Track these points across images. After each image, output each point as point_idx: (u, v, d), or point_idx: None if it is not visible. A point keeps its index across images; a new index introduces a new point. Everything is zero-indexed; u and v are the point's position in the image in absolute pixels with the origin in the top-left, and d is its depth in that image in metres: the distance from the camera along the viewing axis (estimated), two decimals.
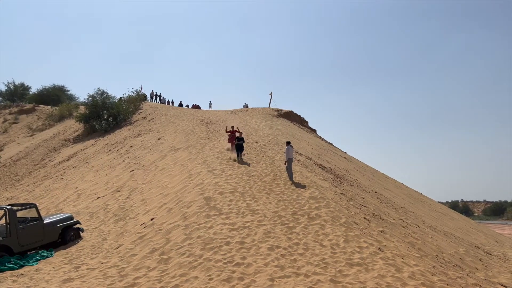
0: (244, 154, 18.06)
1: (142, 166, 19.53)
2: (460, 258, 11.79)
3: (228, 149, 19.07)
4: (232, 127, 19.69)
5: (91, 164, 24.14)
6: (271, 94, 40.36)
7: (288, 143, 16.12)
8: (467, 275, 9.54)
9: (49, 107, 47.88)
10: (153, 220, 12.08)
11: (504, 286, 9.80)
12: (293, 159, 16.04)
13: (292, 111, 38.18)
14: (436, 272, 8.55)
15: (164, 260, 8.99)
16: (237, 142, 17.44)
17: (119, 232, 12.27)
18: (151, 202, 14.15)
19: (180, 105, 45.94)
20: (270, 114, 33.96)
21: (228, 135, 19.50)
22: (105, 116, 33.53)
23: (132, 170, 19.39)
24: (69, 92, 58.40)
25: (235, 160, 17.07)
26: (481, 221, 63.25)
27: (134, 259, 9.41)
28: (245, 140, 19.36)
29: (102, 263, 9.64)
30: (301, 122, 39.13)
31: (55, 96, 53.96)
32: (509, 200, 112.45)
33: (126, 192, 16.49)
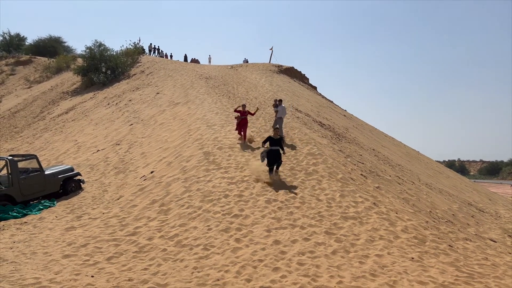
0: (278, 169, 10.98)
1: (141, 120, 19.52)
2: (453, 214, 12.08)
3: (241, 139, 13.56)
4: (244, 106, 14.01)
5: (90, 117, 24.10)
6: (271, 49, 39.54)
7: (280, 101, 15.07)
8: (459, 230, 9.82)
9: (46, 58, 47.01)
10: (153, 173, 12.25)
11: (493, 241, 10.12)
12: (283, 119, 14.58)
13: (292, 67, 37.59)
14: (428, 227, 8.80)
15: (164, 211, 9.21)
16: (270, 148, 10.84)
17: (119, 184, 12.47)
18: (151, 156, 14.28)
19: (185, 59, 45.10)
20: (270, 70, 33.47)
21: (237, 118, 13.83)
22: (103, 69, 33.03)
23: (131, 124, 19.40)
24: (65, 44, 57.19)
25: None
26: (476, 180, 64.27)
27: (134, 210, 9.64)
28: (284, 137, 12.78)
29: (103, 213, 9.88)
30: (301, 78, 38.65)
31: (51, 48, 52.81)
32: (505, 160, 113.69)
33: (126, 145, 16.59)
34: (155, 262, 6.69)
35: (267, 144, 11.16)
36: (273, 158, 10.71)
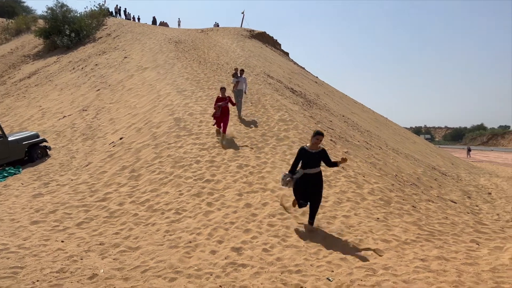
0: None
1: (109, 86, 18.93)
2: (417, 178, 12.59)
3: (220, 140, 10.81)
4: (223, 89, 11.60)
5: (54, 82, 23.14)
6: (243, 13, 38.75)
7: (242, 71, 13.83)
8: (422, 192, 10.27)
9: (4, 19, 44.24)
10: (122, 139, 12.03)
11: (453, 202, 10.67)
12: (244, 93, 13.49)
13: (264, 32, 37.06)
14: (394, 189, 9.16)
15: (134, 177, 9.14)
16: (304, 172, 6.34)
17: (87, 150, 12.21)
18: (120, 122, 13.97)
19: (154, 22, 43.45)
20: (242, 35, 32.87)
21: (215, 108, 11.13)
22: (67, 32, 31.45)
23: (99, 90, 18.80)
24: (24, 4, 53.95)
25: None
26: (441, 146, 66.88)
27: (104, 176, 9.51)
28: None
29: (72, 180, 9.70)
30: (273, 44, 38.24)
31: (9, 8, 49.67)
32: (468, 127, 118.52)
33: (93, 111, 16.13)
34: (127, 227, 6.70)
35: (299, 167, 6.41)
36: (308, 188, 6.28)
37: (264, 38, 36.46)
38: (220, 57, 22.87)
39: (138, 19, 44.76)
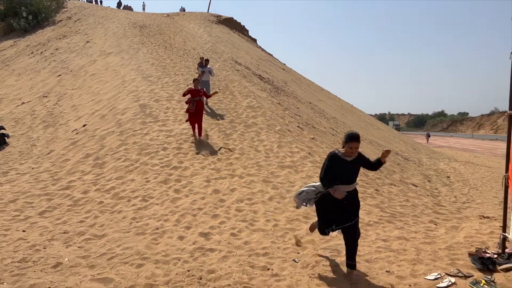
0: None
1: (70, 71, 18.26)
2: None
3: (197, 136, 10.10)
4: (197, 81, 10.55)
5: (11, 67, 22.07)
6: None
7: (207, 61, 13.52)
8: (385, 176, 10.63)
9: None
10: (85, 127, 11.69)
11: (414, 185, 11.11)
12: (210, 83, 13.25)
13: (232, 18, 36.66)
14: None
15: (99, 164, 8.93)
16: (334, 188, 4.42)
17: (49, 138, 11.79)
18: (83, 109, 13.55)
19: (119, 5, 41.97)
20: (209, 20, 32.40)
21: (188, 103, 10.11)
22: (24, 14, 29.92)
23: (60, 75, 18.10)
24: None
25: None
26: (404, 132, 69.10)
27: (67, 164, 9.24)
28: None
29: (33, 168, 9.37)
30: (241, 30, 37.92)
31: None
32: (430, 114, 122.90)
33: (54, 98, 15.54)
34: (92, 215, 6.57)
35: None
36: (340, 211, 4.56)
37: (231, 23, 36.08)
38: (187, 42, 22.49)
39: (101, 2, 43.15)
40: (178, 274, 4.52)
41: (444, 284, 4.27)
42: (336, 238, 5.70)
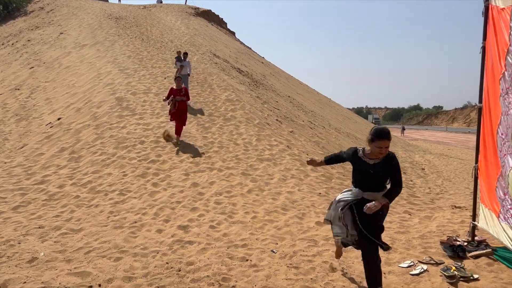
0: None
1: (44, 63, 17.78)
2: None
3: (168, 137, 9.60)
4: (180, 79, 10.00)
5: None
6: None
7: (185, 55, 13.39)
8: None
9: None
10: (60, 120, 11.44)
11: None
12: (188, 78, 13.10)
13: (210, 11, 36.36)
14: (335, 166, 9.57)
15: (75, 158, 8.78)
16: (356, 194, 3.69)
17: (22, 132, 11.49)
18: (57, 102, 13.24)
19: None
20: (186, 12, 32.03)
21: (170, 102, 9.61)
22: None
23: (32, 67, 17.60)
24: None
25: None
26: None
27: (41, 158, 9.04)
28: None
29: (5, 163, 9.12)
30: (219, 23, 37.66)
31: None
32: (405, 107, 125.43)
33: (27, 90, 15.12)
34: (68, 209, 6.46)
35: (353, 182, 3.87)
36: (360, 223, 3.65)
37: (209, 16, 35.78)
38: (164, 34, 22.21)
39: None
40: (156, 267, 4.51)
41: (417, 271, 4.41)
42: (314, 229, 5.80)
